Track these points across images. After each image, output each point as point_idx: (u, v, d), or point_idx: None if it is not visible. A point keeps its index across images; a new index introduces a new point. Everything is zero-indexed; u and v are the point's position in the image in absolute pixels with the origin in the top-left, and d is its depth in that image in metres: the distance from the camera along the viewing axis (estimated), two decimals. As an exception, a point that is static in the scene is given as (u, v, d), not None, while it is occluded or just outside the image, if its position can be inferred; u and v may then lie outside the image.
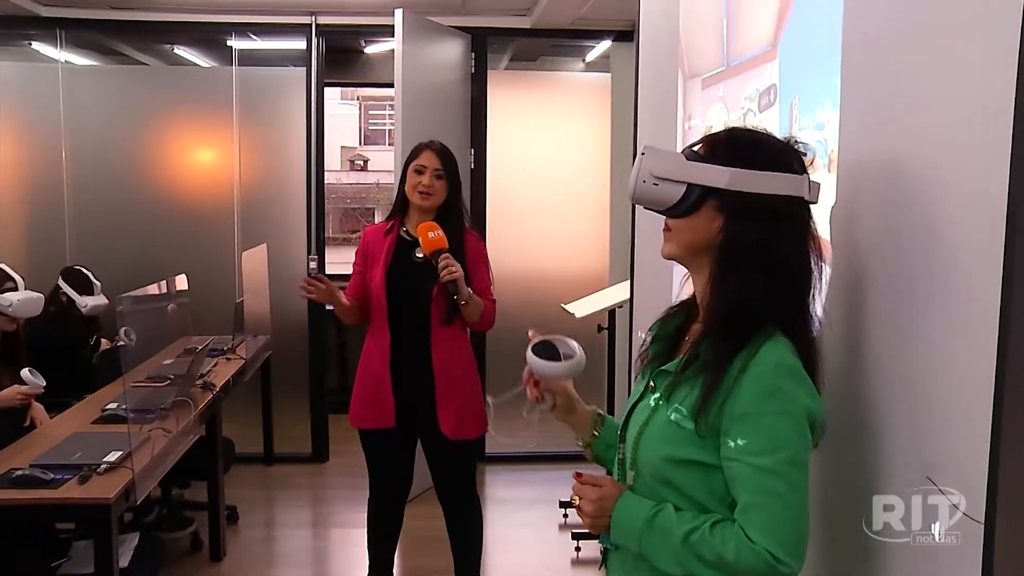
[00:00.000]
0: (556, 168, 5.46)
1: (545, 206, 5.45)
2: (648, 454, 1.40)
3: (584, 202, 5.48)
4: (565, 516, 4.44)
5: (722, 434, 1.31)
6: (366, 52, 6.91)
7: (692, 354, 1.38)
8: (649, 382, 1.47)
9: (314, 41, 5.15)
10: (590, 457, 1.66)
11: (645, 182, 1.38)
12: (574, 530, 4.16)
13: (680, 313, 1.52)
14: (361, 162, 15.56)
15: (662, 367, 1.45)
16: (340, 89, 13.46)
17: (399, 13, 4.46)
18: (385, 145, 15.43)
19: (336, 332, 6.23)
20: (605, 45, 5.66)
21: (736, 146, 1.38)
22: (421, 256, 3.00)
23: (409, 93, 4.51)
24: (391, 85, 4.63)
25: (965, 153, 1.19)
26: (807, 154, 1.43)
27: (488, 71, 5.30)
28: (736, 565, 1.26)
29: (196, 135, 5.42)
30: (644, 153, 1.39)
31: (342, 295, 3.08)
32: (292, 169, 5.27)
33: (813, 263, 1.38)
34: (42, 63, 5.54)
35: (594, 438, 1.63)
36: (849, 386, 1.50)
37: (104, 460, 2.84)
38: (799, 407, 1.29)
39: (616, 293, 4.47)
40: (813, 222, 1.39)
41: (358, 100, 16.22)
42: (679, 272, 1.62)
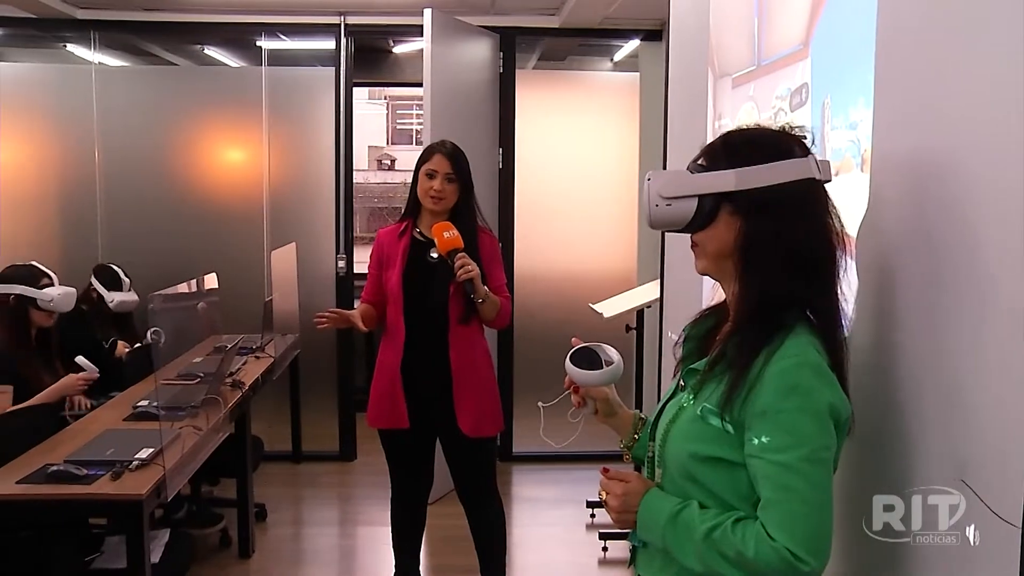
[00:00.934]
0: (584, 168, 5.44)
1: (573, 206, 5.44)
2: (675, 451, 1.41)
3: (612, 202, 5.46)
4: (592, 516, 4.43)
5: (745, 430, 1.32)
6: (394, 52, 6.93)
7: (720, 352, 1.40)
8: (680, 381, 1.49)
9: (343, 41, 5.18)
10: (628, 459, 1.69)
11: (657, 205, 1.41)
12: (601, 530, 4.15)
13: (712, 315, 1.54)
14: (388, 161, 15.59)
15: (692, 366, 1.46)
16: (367, 89, 13.50)
17: (428, 13, 4.46)
18: (412, 144, 15.46)
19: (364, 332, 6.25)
20: (633, 44, 5.65)
21: (734, 148, 1.41)
22: (436, 256, 3.01)
23: (438, 93, 4.52)
24: (419, 84, 4.64)
25: (1001, 151, 1.17)
26: (806, 136, 1.43)
27: (516, 71, 5.30)
28: (756, 562, 1.27)
29: (226, 135, 5.46)
30: (649, 178, 1.42)
31: (357, 317, 3.10)
32: (321, 169, 5.29)
33: (835, 247, 1.38)
34: (76, 64, 5.61)
35: (634, 441, 1.65)
36: (878, 385, 1.48)
37: (136, 457, 2.87)
38: (821, 404, 1.29)
39: (644, 293, 4.45)
40: (831, 203, 1.40)
41: (385, 99, 16.27)
42: (709, 276, 1.62)
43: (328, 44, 5.29)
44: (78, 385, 3.51)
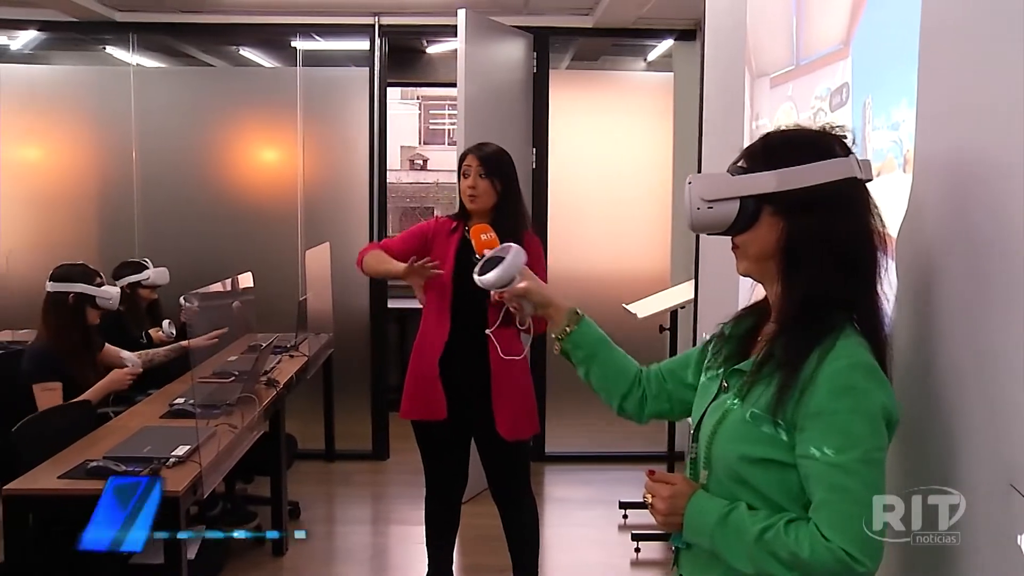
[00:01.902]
0: (617, 168, 5.43)
1: (607, 206, 5.42)
2: (723, 453, 1.41)
3: (646, 202, 5.44)
4: (625, 517, 4.41)
5: (797, 431, 1.32)
6: (427, 52, 6.95)
7: (767, 353, 1.39)
8: (723, 382, 1.48)
9: (377, 42, 5.19)
10: (557, 350, 1.76)
11: (699, 208, 1.40)
12: (634, 531, 4.14)
13: (751, 315, 1.53)
14: (421, 161, 15.65)
15: (736, 367, 1.46)
16: (400, 89, 13.55)
17: (462, 13, 4.47)
18: (444, 145, 15.50)
19: (398, 331, 6.28)
20: (667, 44, 5.61)
21: (774, 149, 1.40)
22: (478, 258, 3.01)
23: (471, 93, 4.52)
24: (452, 85, 4.65)
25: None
26: (847, 136, 1.42)
27: (550, 71, 5.29)
28: (811, 563, 1.26)
29: (261, 135, 5.51)
30: (690, 182, 1.41)
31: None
32: (355, 168, 5.32)
33: (877, 247, 1.38)
34: (115, 66, 5.69)
35: (566, 333, 1.71)
36: (920, 385, 1.47)
37: (172, 454, 2.90)
38: (875, 405, 1.29)
39: (678, 294, 4.42)
40: (873, 202, 1.39)
41: (418, 100, 16.32)
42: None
43: (362, 44, 5.31)
44: (126, 380, 3.61)
